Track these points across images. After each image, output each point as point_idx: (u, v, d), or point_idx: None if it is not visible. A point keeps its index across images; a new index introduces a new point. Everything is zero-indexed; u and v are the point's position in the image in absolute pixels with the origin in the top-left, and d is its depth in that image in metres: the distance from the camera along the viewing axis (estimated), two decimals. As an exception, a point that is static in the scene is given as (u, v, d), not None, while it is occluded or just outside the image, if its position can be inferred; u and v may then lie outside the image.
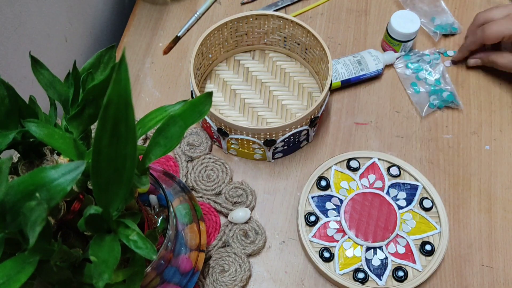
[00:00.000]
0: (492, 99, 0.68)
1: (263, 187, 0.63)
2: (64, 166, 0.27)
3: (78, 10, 0.68)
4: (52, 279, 0.33)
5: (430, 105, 0.67)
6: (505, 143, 0.65)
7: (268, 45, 0.71)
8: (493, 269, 0.57)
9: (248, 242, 0.58)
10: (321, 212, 0.59)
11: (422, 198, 0.60)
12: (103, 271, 0.29)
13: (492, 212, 0.61)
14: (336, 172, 0.62)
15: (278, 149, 0.62)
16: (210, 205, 0.61)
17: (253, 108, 0.67)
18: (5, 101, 0.33)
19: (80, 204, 0.36)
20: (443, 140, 0.66)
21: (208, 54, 0.67)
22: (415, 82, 0.69)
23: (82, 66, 0.38)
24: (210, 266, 0.56)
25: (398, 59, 0.71)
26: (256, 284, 0.57)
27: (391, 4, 0.77)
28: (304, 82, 0.69)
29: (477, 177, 0.63)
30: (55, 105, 0.38)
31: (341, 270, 0.56)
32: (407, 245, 0.57)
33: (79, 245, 0.36)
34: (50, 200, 0.27)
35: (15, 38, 0.55)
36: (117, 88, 0.25)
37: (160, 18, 0.76)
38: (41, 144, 0.36)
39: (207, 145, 0.64)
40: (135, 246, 0.31)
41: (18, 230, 0.28)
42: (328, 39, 0.74)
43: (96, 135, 0.26)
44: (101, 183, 0.28)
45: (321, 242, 0.58)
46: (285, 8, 0.77)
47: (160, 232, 0.43)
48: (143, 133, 0.37)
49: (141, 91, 0.70)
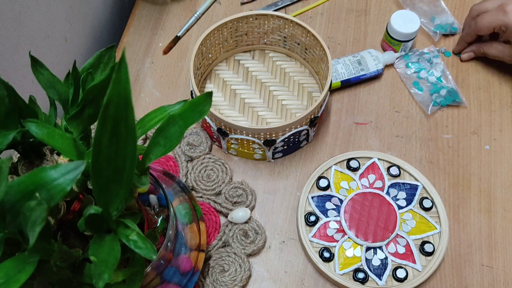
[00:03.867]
0: (492, 99, 0.68)
1: (263, 187, 0.63)
2: (64, 166, 0.27)
3: (78, 10, 0.68)
4: (52, 279, 0.33)
5: (434, 104, 0.67)
6: (505, 143, 0.65)
7: (268, 45, 0.71)
8: (493, 269, 0.57)
9: (248, 242, 0.58)
10: (321, 212, 0.59)
11: (422, 198, 0.60)
12: (103, 271, 0.29)
13: (492, 212, 0.61)
14: (336, 172, 0.62)
15: (278, 149, 0.62)
16: (210, 205, 0.61)
17: (253, 108, 0.67)
18: (5, 101, 0.33)
19: (80, 204, 0.36)
20: (443, 140, 0.66)
21: (208, 54, 0.67)
22: (417, 81, 0.69)
23: (82, 66, 0.38)
24: (210, 266, 0.56)
25: (398, 59, 0.71)
26: (256, 284, 0.57)
27: (391, 4, 0.77)
28: (304, 82, 0.69)
29: (477, 177, 0.63)
30: (55, 105, 0.38)
31: (341, 270, 0.56)
32: (407, 245, 0.57)
33: (79, 245, 0.36)
34: (50, 200, 0.27)
35: (15, 38, 0.55)
36: (117, 88, 0.25)
37: (160, 18, 0.76)
38: (41, 144, 0.36)
39: (207, 145, 0.64)
40: (135, 246, 0.31)
41: (18, 230, 0.28)
42: (328, 39, 0.74)
43: (96, 135, 0.26)
44: (101, 183, 0.28)
45: (321, 242, 0.58)
46: (285, 8, 0.77)
47: (160, 232, 0.43)
48: (143, 133, 0.37)
49: (141, 91, 0.70)
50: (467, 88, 0.69)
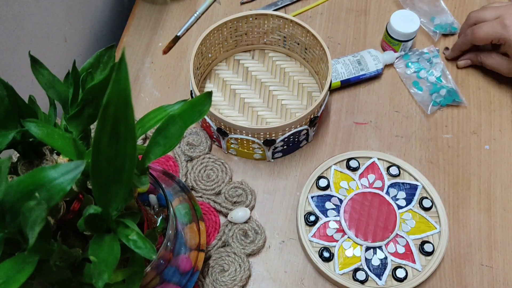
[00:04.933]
0: (492, 99, 0.68)
1: (263, 187, 0.63)
2: (63, 166, 0.27)
3: (78, 10, 0.68)
4: (51, 279, 0.33)
5: (434, 103, 0.67)
6: (505, 143, 0.65)
7: (267, 44, 0.71)
8: (492, 269, 0.57)
9: (247, 241, 0.58)
10: (320, 212, 0.59)
11: (422, 198, 0.60)
12: (102, 271, 0.29)
13: (492, 212, 0.61)
14: (335, 172, 0.62)
15: (277, 149, 0.62)
16: (209, 205, 0.61)
17: (253, 107, 0.67)
18: (4, 101, 0.33)
19: (79, 204, 0.36)
20: (443, 140, 0.66)
21: (207, 54, 0.67)
22: (416, 81, 0.69)
23: (82, 66, 0.38)
24: (210, 265, 0.56)
25: (397, 58, 0.71)
26: (256, 284, 0.57)
27: (391, 4, 0.77)
28: (303, 81, 0.69)
29: (477, 177, 0.63)
30: (55, 105, 0.38)
31: (340, 270, 0.56)
32: (406, 245, 0.57)
33: (78, 245, 0.36)
34: (50, 200, 0.27)
35: (15, 38, 0.55)
36: (117, 88, 0.25)
37: (160, 17, 0.76)
38: (40, 143, 0.36)
39: (207, 145, 0.64)
40: (135, 245, 0.31)
41: (18, 230, 0.28)
42: (328, 39, 0.74)
43: (95, 135, 0.26)
44: (101, 182, 0.28)
45: (320, 242, 0.58)
46: (284, 7, 0.77)
47: (160, 232, 0.43)
48: (143, 133, 0.37)
49: (141, 90, 0.70)
50: (467, 88, 0.69)
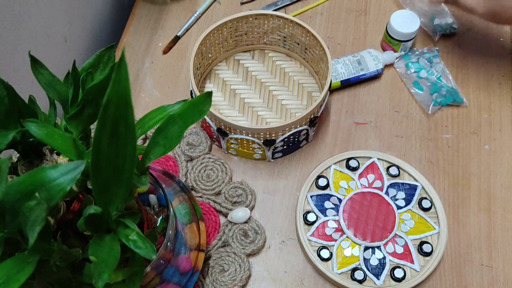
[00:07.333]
0: (492, 99, 0.69)
1: (263, 186, 0.63)
2: (63, 166, 0.27)
3: (78, 10, 0.68)
4: (51, 279, 0.33)
5: (435, 103, 0.67)
6: (505, 143, 0.65)
7: (267, 44, 0.71)
8: (492, 269, 0.57)
9: (247, 241, 0.58)
10: (319, 211, 0.59)
11: (421, 198, 0.60)
12: (102, 271, 0.29)
13: (492, 212, 0.61)
14: (335, 171, 0.62)
15: (277, 149, 0.62)
16: (209, 205, 0.61)
17: (253, 108, 0.67)
18: (4, 101, 0.33)
19: (79, 204, 0.36)
20: (443, 140, 0.66)
21: (207, 54, 0.67)
22: (417, 81, 0.69)
23: (82, 66, 0.38)
24: (210, 265, 0.56)
25: (397, 58, 0.71)
26: (256, 284, 0.57)
27: (391, 4, 0.77)
28: (303, 81, 0.69)
29: (477, 177, 0.63)
30: (55, 105, 0.38)
31: (339, 269, 0.56)
32: (405, 245, 0.57)
33: (78, 245, 0.36)
34: (50, 200, 0.27)
35: (15, 38, 0.55)
36: (117, 88, 0.25)
37: (160, 18, 0.76)
38: (40, 144, 0.36)
39: (207, 145, 0.64)
40: (135, 246, 0.31)
41: (18, 230, 0.28)
42: (328, 39, 0.74)
43: (95, 135, 0.26)
44: (101, 182, 0.29)
45: (319, 241, 0.58)
46: (284, 7, 0.77)
47: (160, 232, 0.44)
48: (143, 133, 0.37)
49: (141, 90, 0.70)
50: (467, 88, 0.70)
